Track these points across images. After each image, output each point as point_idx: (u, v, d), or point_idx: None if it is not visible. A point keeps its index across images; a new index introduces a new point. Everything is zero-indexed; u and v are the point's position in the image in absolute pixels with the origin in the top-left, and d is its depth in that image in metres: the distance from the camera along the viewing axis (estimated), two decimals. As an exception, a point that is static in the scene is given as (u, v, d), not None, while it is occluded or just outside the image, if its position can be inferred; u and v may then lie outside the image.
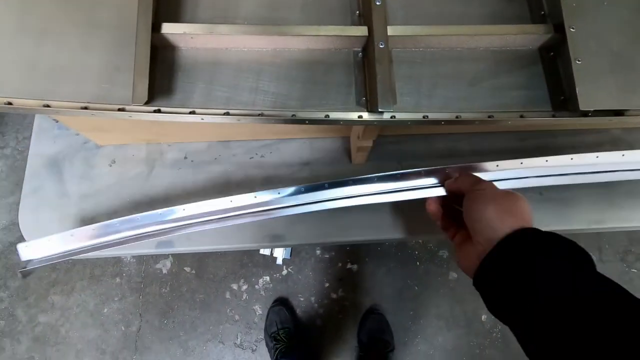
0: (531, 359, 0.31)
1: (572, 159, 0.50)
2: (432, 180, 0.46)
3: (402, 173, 0.47)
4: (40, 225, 0.62)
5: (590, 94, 0.39)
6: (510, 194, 0.38)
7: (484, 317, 1.41)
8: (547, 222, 0.60)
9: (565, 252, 0.33)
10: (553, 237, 0.34)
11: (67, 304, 1.40)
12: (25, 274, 0.49)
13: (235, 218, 0.49)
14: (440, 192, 0.46)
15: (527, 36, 0.43)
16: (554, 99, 0.43)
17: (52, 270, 1.42)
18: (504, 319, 0.34)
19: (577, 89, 0.39)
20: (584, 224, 0.61)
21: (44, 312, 1.39)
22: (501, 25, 0.43)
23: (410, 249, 1.49)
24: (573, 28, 0.41)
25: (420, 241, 1.49)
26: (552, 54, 0.44)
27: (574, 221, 0.61)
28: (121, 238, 0.50)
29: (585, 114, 0.40)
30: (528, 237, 0.34)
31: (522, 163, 0.48)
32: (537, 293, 0.31)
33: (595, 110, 0.40)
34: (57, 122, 0.66)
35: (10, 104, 0.37)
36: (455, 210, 0.44)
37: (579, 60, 0.40)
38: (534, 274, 0.31)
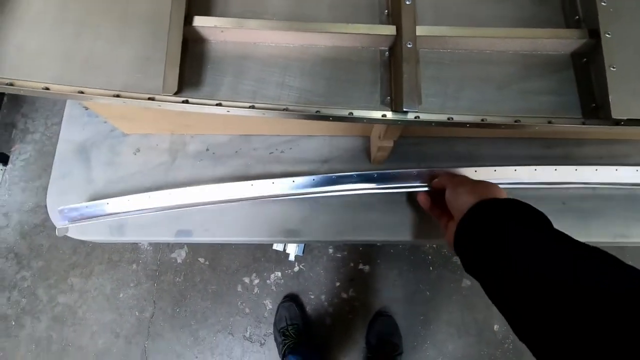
0: (503, 312, 0.35)
1: (596, 169, 0.55)
2: (422, 179, 0.57)
3: (399, 173, 0.58)
4: (66, 208, 0.64)
5: (624, 102, 0.38)
6: (482, 181, 0.47)
7: (496, 327, 1.39)
8: (569, 232, 0.59)
9: (526, 214, 0.39)
10: (514, 201, 0.40)
11: (85, 286, 1.44)
12: (62, 233, 0.60)
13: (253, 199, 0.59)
14: (426, 189, 0.57)
15: (560, 41, 0.42)
16: (585, 106, 0.42)
17: (73, 253, 1.47)
18: (478, 276, 0.40)
19: (610, 97, 0.38)
20: (609, 237, 0.59)
21: (64, 293, 1.44)
22: (533, 29, 0.42)
23: (424, 253, 1.47)
24: (609, 34, 0.39)
25: (435, 246, 1.47)
26: (585, 60, 0.43)
27: (598, 233, 0.59)
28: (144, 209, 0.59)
29: (617, 122, 0.39)
30: (493, 203, 0.41)
31: (515, 170, 0.57)
32: (504, 249, 0.36)
33: (628, 120, 0.39)
34: (86, 109, 0.69)
35: (47, 89, 0.39)
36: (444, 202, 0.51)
37: (613, 67, 0.39)
38: (501, 234, 0.37)
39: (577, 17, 0.43)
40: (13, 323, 1.41)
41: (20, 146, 1.61)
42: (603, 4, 0.40)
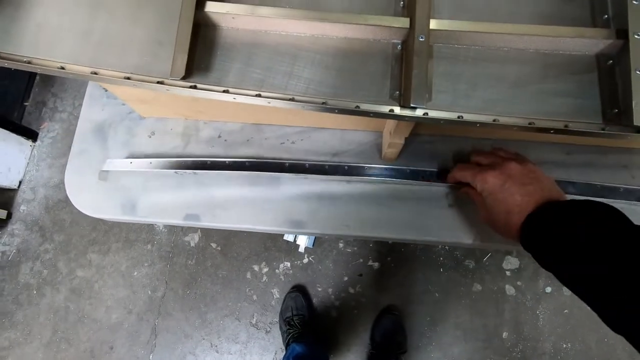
0: (591, 304, 0.35)
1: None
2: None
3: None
4: (82, 185, 0.67)
5: (648, 108, 0.36)
6: (516, 165, 0.44)
7: (505, 334, 1.35)
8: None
9: (602, 215, 0.37)
10: (586, 203, 0.38)
11: (102, 262, 1.50)
12: (102, 177, 0.66)
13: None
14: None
15: (585, 40, 0.39)
16: (607, 111, 0.40)
17: (93, 230, 1.53)
18: (557, 273, 0.39)
19: (633, 102, 0.36)
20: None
21: (82, 268, 1.50)
22: (556, 27, 0.40)
23: (435, 254, 1.45)
24: (638, 35, 0.37)
25: (447, 248, 1.45)
26: (610, 62, 0.40)
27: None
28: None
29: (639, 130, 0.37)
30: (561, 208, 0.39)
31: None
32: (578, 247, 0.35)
33: (652, 127, 0.36)
34: (106, 91, 0.71)
35: (63, 68, 0.40)
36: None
37: (639, 71, 0.36)
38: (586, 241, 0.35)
39: (606, 15, 0.41)
40: (35, 292, 1.49)
41: (49, 124, 1.68)
42: (635, 2, 0.38)
